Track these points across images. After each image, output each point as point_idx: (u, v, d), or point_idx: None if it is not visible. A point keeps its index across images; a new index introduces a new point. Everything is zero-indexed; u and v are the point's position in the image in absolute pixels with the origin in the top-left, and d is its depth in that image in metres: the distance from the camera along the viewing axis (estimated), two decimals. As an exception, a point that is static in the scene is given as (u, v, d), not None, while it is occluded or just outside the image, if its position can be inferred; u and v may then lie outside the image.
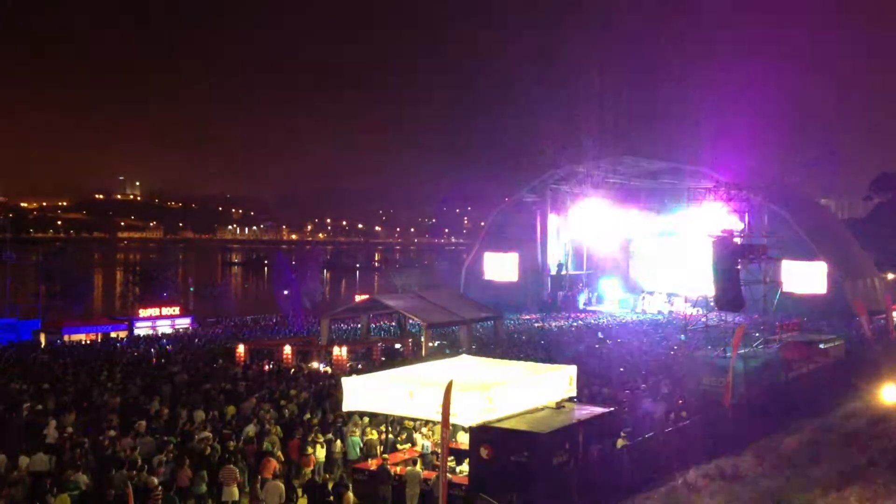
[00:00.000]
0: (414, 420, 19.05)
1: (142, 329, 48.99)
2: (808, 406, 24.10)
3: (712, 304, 46.84)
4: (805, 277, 52.65)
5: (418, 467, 17.26)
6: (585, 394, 22.70)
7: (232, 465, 17.24)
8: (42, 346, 42.82)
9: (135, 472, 16.61)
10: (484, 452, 15.45)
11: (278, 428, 20.45)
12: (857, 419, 20.45)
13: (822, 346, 31.37)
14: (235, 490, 16.86)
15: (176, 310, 54.13)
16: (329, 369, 31.69)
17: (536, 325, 49.15)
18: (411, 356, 34.26)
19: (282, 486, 16.38)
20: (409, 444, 19.09)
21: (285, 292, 67.60)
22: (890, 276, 65.39)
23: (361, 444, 19.24)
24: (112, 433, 20.04)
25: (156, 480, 16.16)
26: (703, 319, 34.58)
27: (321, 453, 18.94)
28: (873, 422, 19.47)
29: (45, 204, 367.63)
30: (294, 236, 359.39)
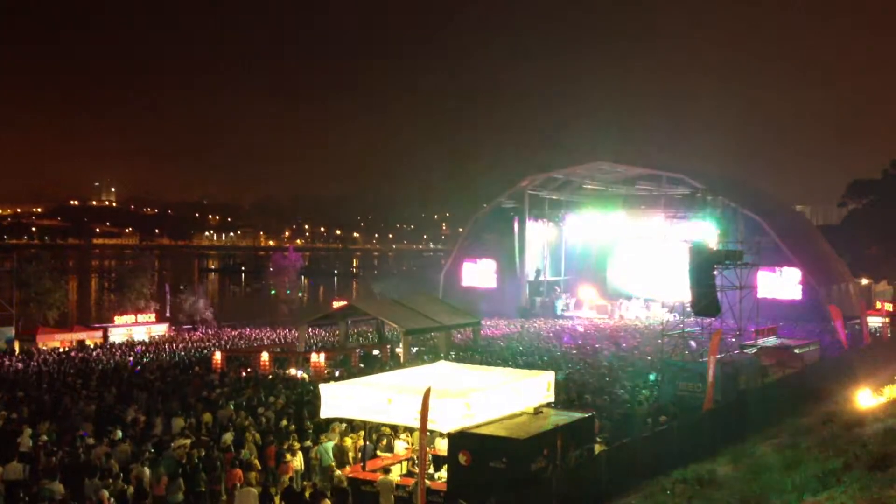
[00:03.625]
0: (392, 427, 19.01)
1: (117, 336, 48.63)
2: (784, 411, 24.26)
3: (689, 309, 47.10)
4: (780, 283, 53.11)
5: (392, 476, 17.21)
6: (563, 399, 22.76)
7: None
8: (16, 353, 42.37)
9: (110, 481, 16.47)
10: (462, 458, 15.45)
11: (256, 435, 20.36)
12: (833, 424, 20.55)
13: (797, 351, 31.64)
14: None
15: (151, 317, 53.78)
16: (307, 376, 31.59)
17: (514, 330, 49.20)
18: (389, 362, 34.21)
19: (255, 492, 16.28)
20: (388, 453, 19.02)
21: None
22: (864, 281, 66.09)
23: (336, 451, 19.20)
24: (90, 440, 19.89)
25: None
26: (681, 326, 34.81)
27: (299, 461, 18.88)
28: (849, 426, 19.58)
29: (19, 210, 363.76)
30: (272, 242, 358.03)
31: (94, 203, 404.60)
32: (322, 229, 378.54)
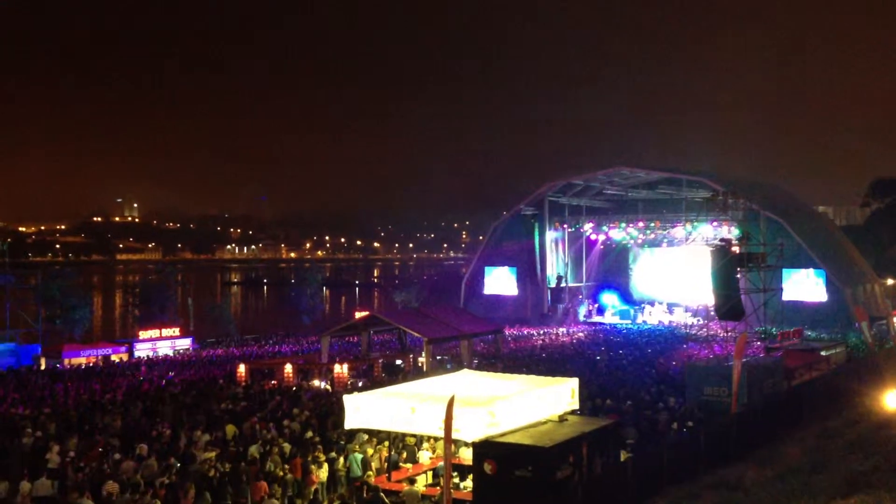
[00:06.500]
0: (416, 436, 18.99)
1: (142, 351, 48.90)
2: (810, 414, 24.08)
3: (713, 313, 46.81)
4: (805, 285, 52.67)
5: (418, 486, 17.19)
6: (588, 406, 22.67)
7: None
8: (41, 369, 42.66)
9: (137, 496, 16.55)
10: (487, 467, 15.42)
11: (286, 445, 20.41)
12: (860, 426, 20.39)
13: (823, 353, 31.39)
14: None
15: (176, 331, 54.04)
16: (330, 387, 31.65)
17: (537, 338, 49.11)
18: (412, 372, 34.21)
19: (279, 504, 16.30)
20: (411, 464, 18.99)
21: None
22: (889, 281, 65.41)
23: (361, 462, 19.20)
24: (117, 456, 20.01)
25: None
26: (704, 330, 34.62)
27: (324, 472, 18.90)
28: (876, 428, 19.42)
29: (43, 228, 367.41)
30: (293, 255, 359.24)
31: (117, 219, 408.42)
32: (343, 240, 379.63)
